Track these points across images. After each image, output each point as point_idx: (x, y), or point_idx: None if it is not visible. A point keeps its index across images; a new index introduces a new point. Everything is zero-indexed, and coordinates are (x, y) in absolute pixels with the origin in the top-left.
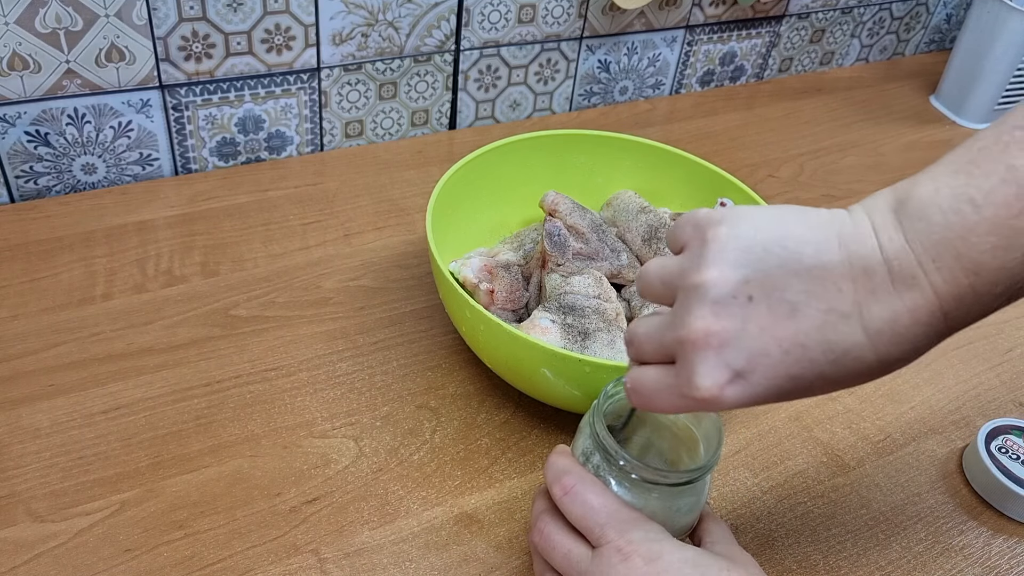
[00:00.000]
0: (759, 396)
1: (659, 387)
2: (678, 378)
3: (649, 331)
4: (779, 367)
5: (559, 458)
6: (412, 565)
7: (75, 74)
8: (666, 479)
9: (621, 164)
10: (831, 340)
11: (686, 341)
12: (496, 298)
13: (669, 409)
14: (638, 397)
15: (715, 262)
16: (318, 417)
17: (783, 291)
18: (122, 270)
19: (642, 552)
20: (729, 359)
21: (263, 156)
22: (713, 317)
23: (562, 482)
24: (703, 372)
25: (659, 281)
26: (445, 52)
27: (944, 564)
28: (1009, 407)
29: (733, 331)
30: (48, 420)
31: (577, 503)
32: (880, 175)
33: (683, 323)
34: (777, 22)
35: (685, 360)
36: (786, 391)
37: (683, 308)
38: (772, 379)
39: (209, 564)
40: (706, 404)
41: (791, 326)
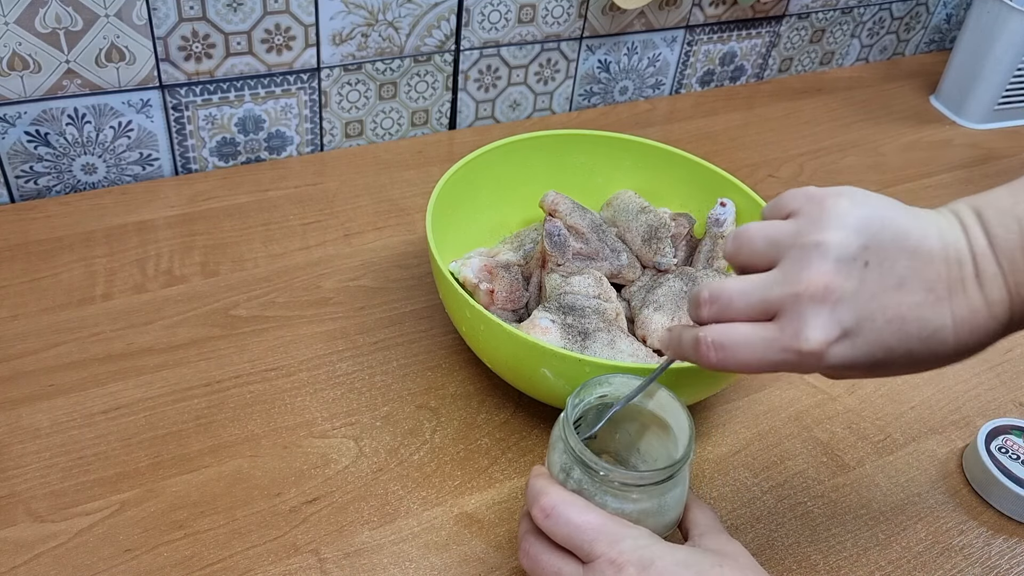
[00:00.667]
0: (857, 360)
1: (753, 341)
2: (783, 331)
3: (746, 287)
4: (880, 334)
5: (535, 480)
6: (412, 565)
7: (75, 74)
8: (650, 479)
9: (621, 164)
10: (926, 318)
11: (803, 294)
12: (496, 298)
13: (754, 364)
14: (722, 352)
15: (839, 226)
16: (318, 417)
17: (894, 263)
18: (122, 270)
19: (635, 560)
20: (841, 317)
21: (263, 156)
22: (835, 274)
23: (541, 504)
24: (816, 324)
25: (764, 239)
26: (445, 52)
27: (944, 564)
28: (1009, 407)
29: (850, 290)
30: (48, 420)
31: (561, 523)
32: (880, 175)
33: (799, 277)
34: (777, 22)
35: (796, 312)
36: (878, 362)
37: (799, 264)
38: (872, 345)
39: (209, 564)
40: (808, 359)
41: (897, 297)
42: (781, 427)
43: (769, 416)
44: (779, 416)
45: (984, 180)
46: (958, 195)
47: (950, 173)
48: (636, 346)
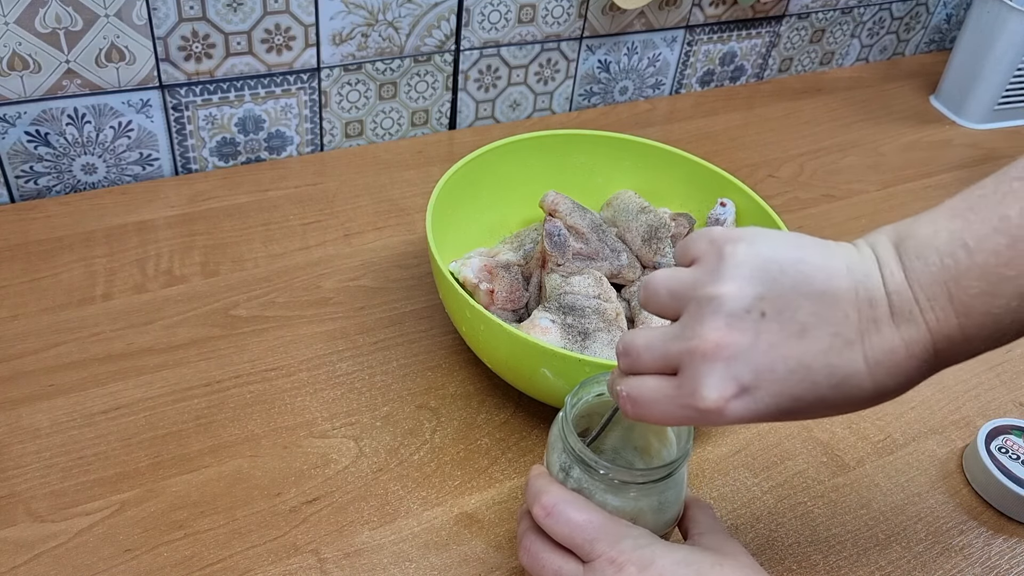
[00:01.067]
0: (760, 413)
1: (659, 397)
2: (681, 389)
3: (651, 341)
4: (784, 385)
5: (535, 479)
6: (412, 565)
7: (75, 74)
8: (649, 477)
9: (621, 164)
10: (834, 364)
11: (696, 351)
12: (496, 298)
13: (667, 420)
14: (636, 407)
15: (732, 276)
16: (318, 417)
17: (795, 311)
18: (122, 270)
19: (635, 560)
20: (737, 372)
21: (263, 156)
22: (726, 329)
23: (542, 502)
24: (710, 384)
25: (667, 291)
26: (445, 52)
27: (944, 564)
28: (1009, 407)
29: (744, 345)
30: (48, 420)
31: (561, 522)
32: (880, 175)
33: (694, 333)
34: (777, 22)
35: (692, 370)
36: (786, 411)
37: (694, 319)
38: (776, 397)
39: (209, 564)
40: (708, 416)
41: (799, 346)
42: (781, 427)
43: None
44: None
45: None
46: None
47: (950, 173)
48: None
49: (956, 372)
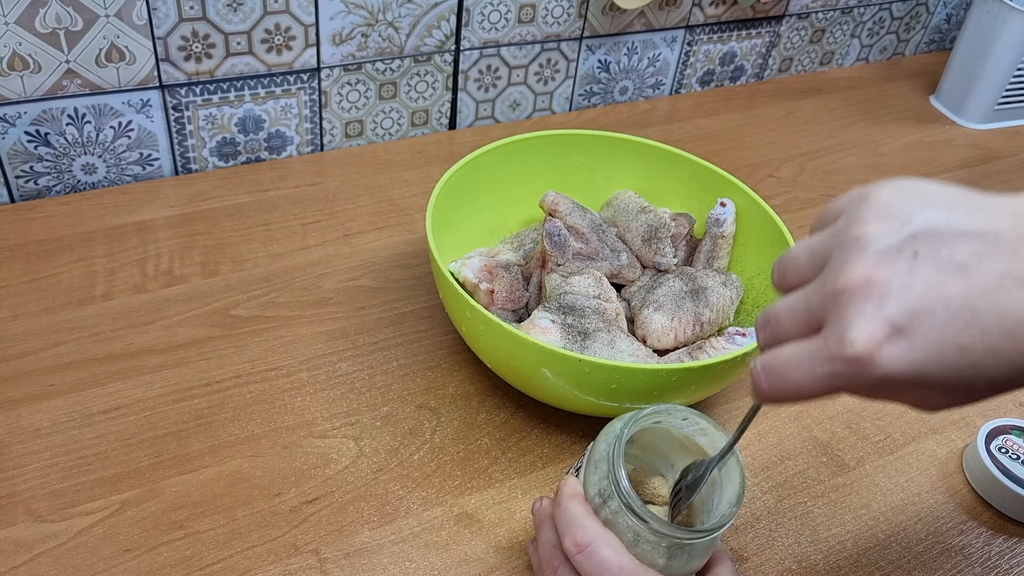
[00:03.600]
0: (920, 365)
1: (799, 357)
2: (827, 340)
3: (790, 302)
4: (946, 330)
5: (570, 504)
6: (412, 565)
7: (75, 74)
8: (694, 538)
9: (621, 164)
10: (1005, 306)
11: (841, 292)
12: (496, 298)
13: (808, 384)
14: (771, 376)
15: (879, 217)
16: (318, 417)
17: (953, 249)
18: (122, 270)
19: None
20: (889, 312)
21: (263, 156)
22: (875, 266)
23: (576, 538)
24: (858, 324)
25: (806, 252)
26: (445, 52)
27: (944, 564)
28: (1009, 407)
29: (896, 283)
30: (48, 420)
31: (595, 563)
32: (880, 175)
33: (837, 277)
34: (777, 22)
35: (837, 314)
36: (952, 368)
37: (838, 262)
38: (937, 344)
39: (209, 564)
40: (858, 367)
41: (961, 285)
42: (781, 427)
43: (769, 416)
44: (779, 416)
45: (984, 180)
46: None
47: (950, 173)
48: (636, 346)
49: None
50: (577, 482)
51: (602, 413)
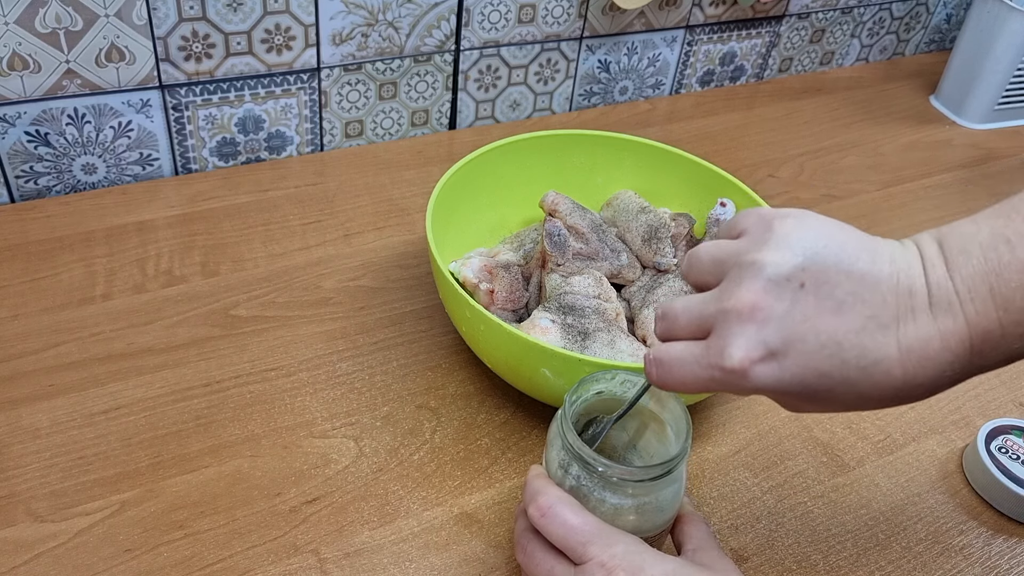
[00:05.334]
0: (785, 384)
1: (685, 357)
2: (709, 349)
3: (688, 304)
4: (812, 358)
5: (534, 479)
6: (412, 565)
7: (75, 74)
8: (647, 475)
9: (621, 164)
10: (866, 346)
11: (731, 311)
12: (496, 298)
13: (690, 381)
14: (660, 368)
15: (777, 246)
16: (318, 417)
17: (833, 287)
18: (122, 270)
19: (625, 566)
20: (767, 337)
21: (263, 156)
22: (763, 293)
23: (538, 503)
24: (738, 343)
25: (710, 259)
26: (445, 52)
27: (944, 564)
28: (1009, 407)
29: (779, 311)
30: (48, 420)
31: (556, 523)
32: (880, 175)
33: (731, 294)
34: (777, 22)
35: (723, 330)
36: (810, 388)
37: (733, 282)
38: (802, 368)
39: (209, 564)
40: (731, 378)
41: (833, 322)
42: (781, 427)
43: (769, 416)
44: (779, 416)
45: (984, 180)
46: (958, 195)
47: (950, 173)
48: (636, 346)
49: None
50: (539, 466)
51: None
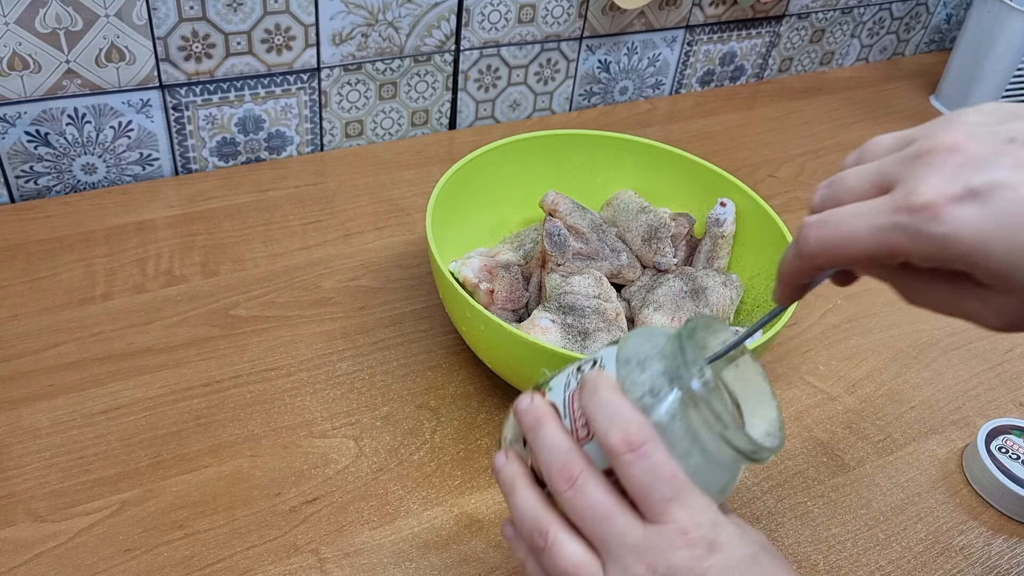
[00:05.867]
0: (988, 234)
1: (859, 210)
2: (894, 195)
3: (861, 168)
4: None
5: (615, 396)
6: (412, 565)
7: (75, 74)
8: (763, 444)
9: (621, 164)
10: None
11: (923, 153)
12: (496, 298)
13: (864, 236)
14: (821, 228)
15: (975, 111)
16: (318, 417)
17: None
18: (122, 270)
19: (710, 540)
20: (968, 176)
21: (263, 156)
22: (967, 137)
23: (629, 434)
24: (932, 179)
25: (893, 138)
26: (445, 52)
27: (944, 564)
28: (1009, 407)
29: (985, 154)
30: (48, 420)
31: (645, 465)
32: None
33: (920, 142)
34: (777, 22)
35: (913, 172)
36: (1020, 248)
37: (924, 135)
38: (1012, 217)
39: (209, 564)
40: (923, 216)
41: None
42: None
43: None
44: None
45: None
46: None
47: None
48: None
49: (956, 372)
50: (612, 380)
51: None
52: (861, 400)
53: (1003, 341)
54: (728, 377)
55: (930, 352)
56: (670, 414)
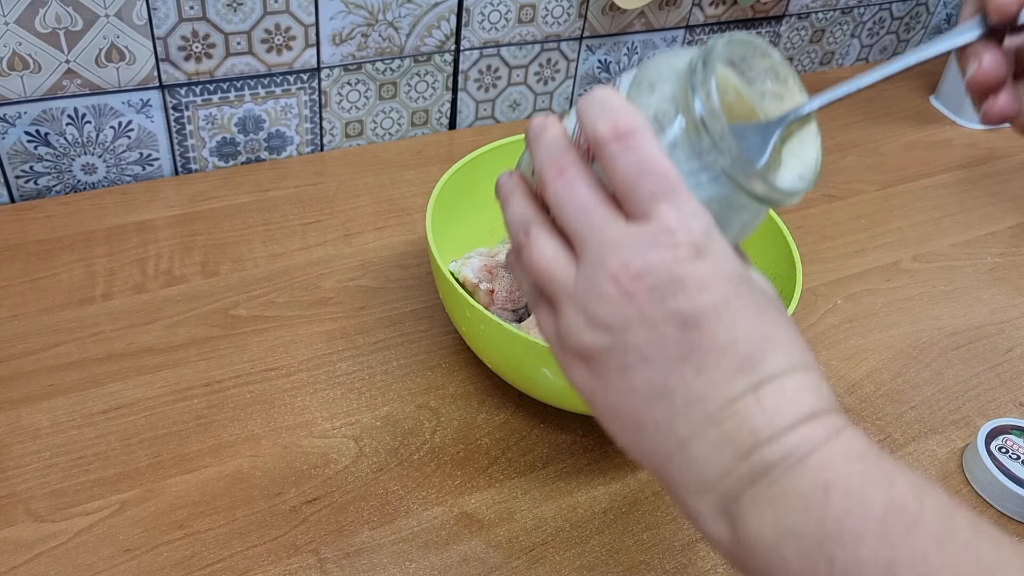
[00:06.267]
0: None
1: None
2: None
3: None
4: None
5: (609, 94)
6: (412, 565)
7: (75, 74)
8: (790, 191)
9: None
10: None
11: None
12: (496, 298)
13: None
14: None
15: None
16: (318, 417)
17: None
18: (122, 270)
19: (696, 241)
20: None
21: (263, 156)
22: None
23: (618, 123)
24: None
25: None
26: (445, 52)
27: None
28: (1009, 407)
29: None
30: (48, 420)
31: (634, 156)
32: (880, 175)
33: None
34: (777, 22)
35: None
36: None
37: None
38: None
39: (209, 564)
40: None
41: None
42: None
43: None
44: None
45: (984, 180)
46: (958, 195)
47: (950, 173)
48: None
49: (956, 372)
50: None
51: None
52: (861, 400)
53: (1003, 341)
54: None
55: (930, 352)
56: (671, 141)
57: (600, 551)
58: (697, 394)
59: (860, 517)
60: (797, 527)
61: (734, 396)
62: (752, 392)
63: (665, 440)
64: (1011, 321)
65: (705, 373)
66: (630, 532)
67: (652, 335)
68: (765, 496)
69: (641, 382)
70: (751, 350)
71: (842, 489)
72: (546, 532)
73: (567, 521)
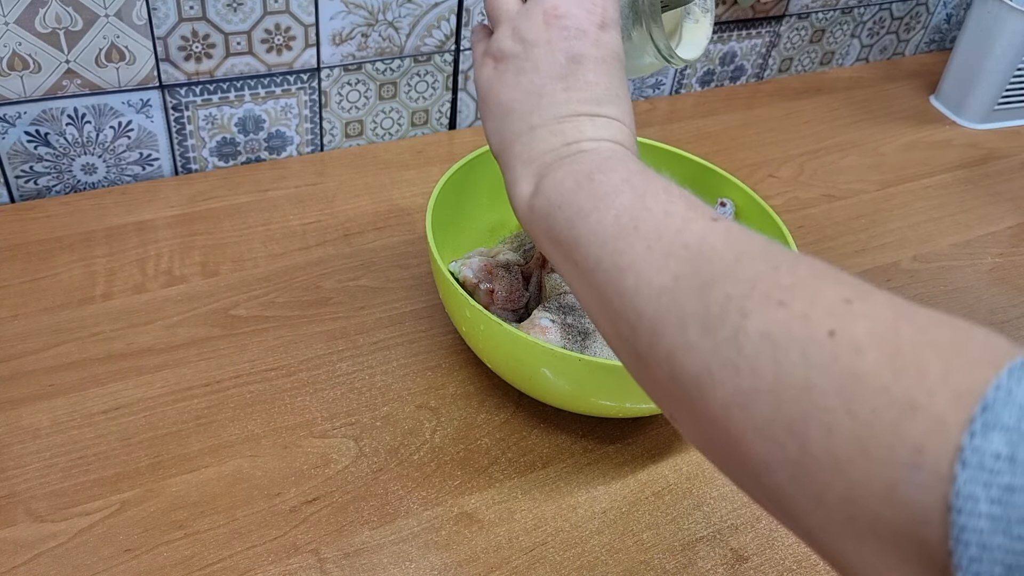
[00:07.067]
0: None
1: None
2: None
3: None
4: None
5: None
6: (412, 565)
7: (75, 74)
8: (664, 51)
9: None
10: None
11: None
12: (496, 298)
13: None
14: None
15: None
16: (318, 417)
17: None
18: (122, 270)
19: (576, 27)
20: None
21: (263, 156)
22: None
23: None
24: None
25: None
26: (445, 52)
27: None
28: None
29: None
30: (48, 420)
31: None
32: (880, 175)
33: None
34: (777, 22)
35: None
36: None
37: None
38: None
39: (209, 564)
40: None
41: None
42: None
43: None
44: None
45: (984, 180)
46: (958, 195)
47: (950, 173)
48: None
49: None
50: None
51: (602, 413)
52: None
53: None
54: None
55: None
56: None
57: (600, 551)
58: (558, 102)
59: (606, 191)
60: (567, 185)
61: (579, 112)
62: (590, 116)
63: (521, 123)
64: (1011, 321)
65: (569, 92)
66: (630, 532)
67: (549, 56)
68: (564, 168)
69: (527, 82)
70: (603, 95)
71: (603, 172)
72: (546, 532)
73: (567, 521)
